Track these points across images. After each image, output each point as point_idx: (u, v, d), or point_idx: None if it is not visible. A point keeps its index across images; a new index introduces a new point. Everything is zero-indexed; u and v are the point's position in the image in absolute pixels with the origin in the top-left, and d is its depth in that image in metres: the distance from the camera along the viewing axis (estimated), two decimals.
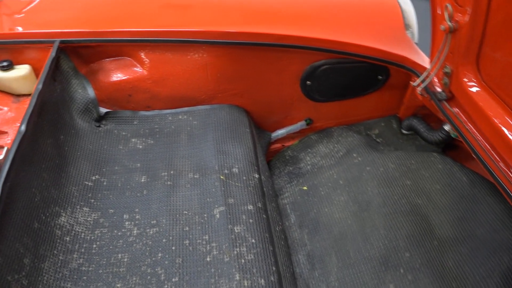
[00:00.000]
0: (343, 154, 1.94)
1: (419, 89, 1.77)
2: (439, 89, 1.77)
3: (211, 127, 1.82)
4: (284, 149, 2.11)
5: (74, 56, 1.76)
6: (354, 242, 1.59)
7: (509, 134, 1.40)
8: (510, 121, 1.41)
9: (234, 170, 1.66)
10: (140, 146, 1.76)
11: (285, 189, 1.91)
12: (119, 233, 1.46)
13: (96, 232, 1.46)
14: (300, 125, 2.08)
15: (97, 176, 1.63)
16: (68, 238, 1.41)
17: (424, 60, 1.88)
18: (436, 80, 1.78)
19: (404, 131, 2.08)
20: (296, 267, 1.59)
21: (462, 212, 1.63)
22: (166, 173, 1.66)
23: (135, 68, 1.81)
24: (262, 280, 1.34)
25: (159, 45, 1.76)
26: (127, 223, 1.49)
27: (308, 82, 1.93)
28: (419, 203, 1.67)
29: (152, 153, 1.74)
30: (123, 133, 1.81)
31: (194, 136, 1.80)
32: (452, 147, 2.06)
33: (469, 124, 1.65)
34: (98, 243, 1.43)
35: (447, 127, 1.81)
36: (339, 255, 1.57)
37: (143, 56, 1.78)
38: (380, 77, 1.94)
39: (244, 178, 1.64)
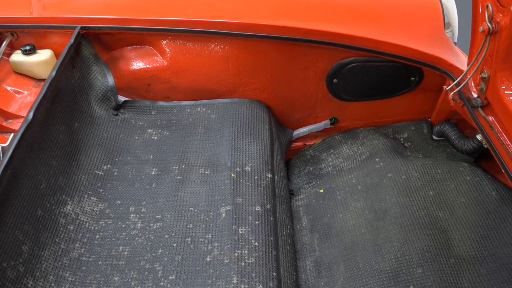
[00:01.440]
0: (365, 158, 1.84)
1: (451, 93, 1.64)
2: (475, 95, 1.63)
3: (229, 122, 1.77)
4: (306, 148, 2.04)
5: (96, 43, 1.75)
6: (365, 252, 1.50)
7: None
8: None
9: (246, 168, 1.61)
10: (155, 137, 1.74)
11: (302, 189, 1.84)
12: (123, 225, 1.45)
13: (100, 222, 1.45)
14: (324, 124, 1.99)
15: (108, 166, 1.62)
16: (72, 227, 1.41)
17: (462, 62, 1.74)
18: (472, 85, 1.65)
19: (435, 137, 1.94)
20: (302, 273, 1.53)
21: (486, 229, 1.51)
22: (177, 167, 1.63)
23: (156, 58, 1.78)
24: (260, 286, 1.29)
25: (180, 35, 1.72)
26: (132, 215, 1.48)
27: (334, 80, 1.83)
28: (440, 216, 1.56)
29: (166, 145, 1.71)
30: (140, 123, 1.79)
31: (210, 130, 1.76)
32: (486, 157, 1.91)
33: (504, 136, 1.52)
34: (101, 233, 1.43)
35: (479, 137, 1.68)
36: (347, 264, 1.49)
37: (164, 46, 1.75)
38: (412, 78, 1.82)
39: (256, 177, 1.59)
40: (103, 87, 1.77)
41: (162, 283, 1.29)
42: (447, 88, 1.66)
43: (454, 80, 1.67)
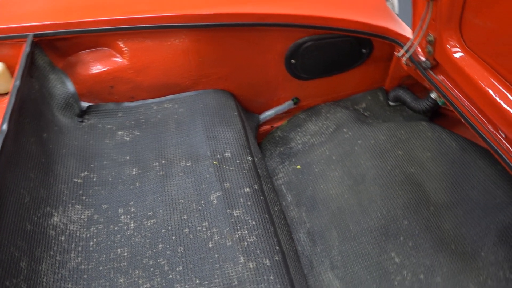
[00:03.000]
0: (333, 130, 1.93)
1: (404, 59, 1.76)
2: (423, 58, 1.77)
3: (199, 113, 1.78)
4: (274, 130, 2.09)
5: (49, 50, 1.69)
6: (352, 215, 1.59)
7: (496, 96, 1.41)
8: (496, 83, 1.42)
9: (226, 154, 1.64)
10: (128, 138, 1.72)
11: (278, 170, 1.90)
12: (116, 228, 1.43)
13: (91, 229, 1.42)
14: (287, 104, 2.06)
15: (86, 173, 1.58)
16: (63, 238, 1.36)
17: (406, 30, 1.87)
18: (419, 49, 1.78)
19: (391, 103, 2.08)
20: (297, 245, 1.58)
21: (454, 176, 1.65)
22: (157, 163, 1.62)
23: (115, 58, 1.75)
24: (267, 261, 1.32)
25: (137, 33, 1.70)
26: (122, 217, 1.46)
27: (292, 61, 1.90)
28: (413, 171, 1.68)
29: (141, 144, 1.69)
30: (108, 126, 1.76)
31: (182, 124, 1.76)
32: (438, 116, 2.07)
33: (455, 90, 1.66)
34: (95, 240, 1.39)
35: (433, 95, 1.82)
36: (339, 229, 1.57)
37: (122, 45, 1.72)
38: (364, 50, 1.93)
39: (238, 161, 1.62)
40: (64, 95, 1.71)
41: (171, 276, 1.29)
42: (399, 54, 1.78)
43: (402, 47, 1.80)
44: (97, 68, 1.75)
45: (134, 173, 1.59)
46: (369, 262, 1.47)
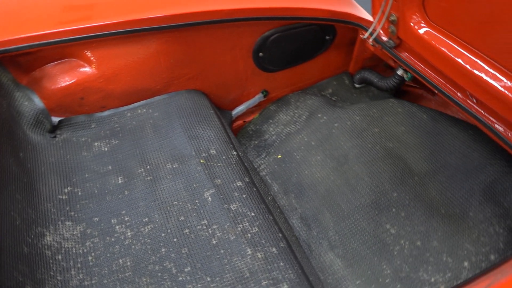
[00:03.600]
0: (307, 117, 1.97)
1: (370, 40, 1.83)
2: (385, 38, 1.84)
3: (175, 115, 1.76)
4: (246, 125, 2.10)
5: (12, 67, 1.61)
6: (342, 195, 1.63)
7: (463, 62, 1.50)
8: (462, 50, 1.51)
9: (211, 151, 1.63)
10: (106, 149, 1.67)
11: (258, 162, 1.91)
12: (113, 239, 1.38)
13: (87, 243, 1.37)
14: (257, 98, 2.08)
15: (69, 188, 1.52)
16: (60, 257, 1.31)
17: (365, 14, 1.94)
18: (381, 30, 1.85)
19: (356, 85, 2.15)
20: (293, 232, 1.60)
21: (431, 146, 1.73)
22: (142, 169, 1.58)
23: (83, 69, 1.69)
24: (274, 249, 1.33)
25: (104, 40, 1.66)
26: (117, 227, 1.41)
27: (260, 54, 1.92)
28: (392, 146, 1.75)
29: (121, 153, 1.65)
30: (83, 139, 1.70)
31: (159, 128, 1.73)
32: (400, 94, 2.17)
33: (420, 65, 1.75)
34: (93, 254, 1.34)
35: (400, 72, 1.90)
36: (331, 210, 1.60)
37: (89, 55, 1.67)
38: (327, 37, 1.98)
39: (224, 157, 1.62)
40: (32, 112, 1.64)
41: (181, 278, 1.27)
42: (364, 36, 1.85)
43: (366, 30, 1.87)
44: (65, 81, 1.68)
45: (120, 182, 1.55)
46: (366, 237, 1.52)
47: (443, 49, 1.57)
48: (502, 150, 1.66)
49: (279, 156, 1.85)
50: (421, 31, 1.65)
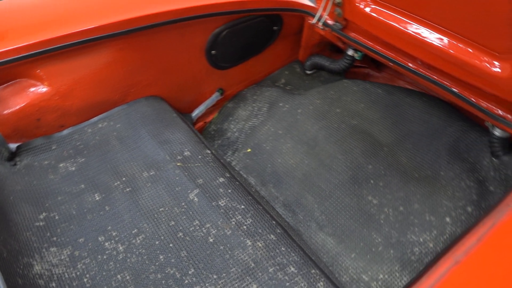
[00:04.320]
0: (268, 109, 1.99)
1: (320, 24, 1.89)
2: (331, 22, 1.92)
3: (139, 124, 1.71)
4: (207, 125, 2.09)
5: None
6: (320, 176, 1.67)
7: (411, 32, 1.60)
8: (408, 20, 1.62)
9: (186, 153, 1.60)
10: (73, 168, 1.59)
11: (228, 160, 1.90)
12: (105, 257, 1.32)
13: (78, 266, 1.29)
14: (215, 97, 2.07)
15: (44, 214, 1.43)
16: (53, 284, 1.23)
17: (306, 1, 2.01)
18: (327, 16, 1.92)
19: (308, 72, 2.21)
20: None
21: (392, 117, 1.82)
22: (118, 182, 1.52)
23: (36, 88, 1.59)
24: (272, 236, 1.34)
25: (54, 55, 1.57)
26: (106, 243, 1.35)
27: (213, 52, 1.92)
28: (356, 123, 1.82)
29: (91, 170, 1.58)
30: (45, 162, 1.60)
31: (125, 138, 1.68)
32: (349, 75, 2.26)
33: (369, 42, 1.84)
34: (87, 275, 1.27)
35: (350, 52, 1.98)
36: (312, 192, 1.64)
37: (40, 72, 1.58)
38: (275, 27, 2.02)
39: (200, 157, 1.60)
40: None
41: (186, 281, 1.24)
42: (313, 22, 1.91)
43: (312, 16, 1.93)
44: (17, 103, 1.58)
45: (97, 198, 1.48)
46: (351, 211, 1.57)
47: (390, 22, 1.66)
48: (457, 111, 1.78)
49: (249, 150, 1.86)
50: (367, 9, 1.73)
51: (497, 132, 1.58)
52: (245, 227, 1.36)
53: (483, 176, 1.60)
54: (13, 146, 1.60)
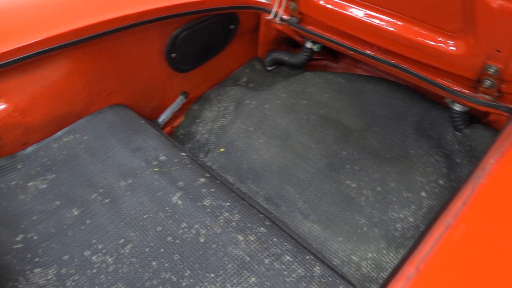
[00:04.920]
0: (235, 107, 1.99)
1: (277, 19, 1.92)
2: (286, 17, 1.95)
3: (107, 134, 1.66)
4: (175, 130, 2.06)
5: None
6: (297, 167, 1.69)
7: (367, 19, 1.67)
8: (363, 9, 1.68)
9: (161, 158, 1.57)
10: (44, 186, 1.51)
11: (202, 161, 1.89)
12: (94, 271, 1.27)
13: (68, 284, 1.23)
14: (179, 100, 2.04)
15: (21, 236, 1.35)
16: None
17: None
18: (282, 11, 1.96)
19: (268, 68, 2.23)
20: None
21: (357, 104, 1.88)
22: (95, 194, 1.47)
23: None
24: (262, 228, 1.34)
25: (9, 69, 1.49)
26: (94, 257, 1.30)
27: (173, 55, 1.90)
28: (324, 112, 1.86)
29: (63, 185, 1.51)
30: (13, 183, 1.52)
31: (95, 150, 1.62)
32: (307, 68, 2.30)
33: (327, 34, 1.89)
34: None
35: (309, 45, 2.02)
36: (292, 183, 1.66)
37: None
38: (232, 26, 2.03)
39: (176, 160, 1.57)
40: None
41: (184, 283, 1.22)
42: (270, 17, 1.94)
43: (267, 12, 1.96)
44: None
45: (76, 213, 1.42)
46: (332, 197, 1.60)
47: (345, 12, 1.72)
48: (417, 93, 1.87)
49: (222, 150, 1.85)
50: (321, 1, 1.78)
51: (457, 107, 1.67)
52: (234, 223, 1.36)
53: (449, 150, 1.68)
54: None
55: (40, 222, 1.40)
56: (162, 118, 2.01)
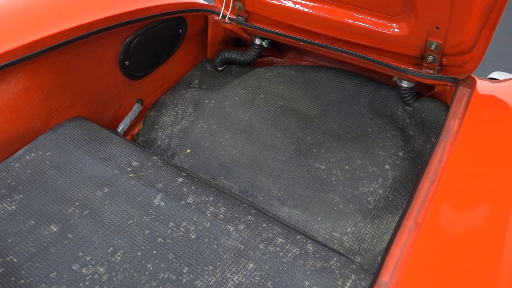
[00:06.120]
0: (193, 109, 2.01)
1: (227, 20, 1.97)
2: (233, 16, 2.01)
3: (71, 147, 1.62)
4: (135, 138, 2.03)
5: None
6: (266, 157, 1.75)
7: (313, 11, 1.77)
8: (307, 2, 1.78)
9: (134, 164, 1.56)
10: (13, 207, 1.44)
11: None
12: (87, 283, 1.23)
13: None
14: (136, 108, 2.02)
15: None
16: None
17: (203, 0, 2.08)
18: (228, 12, 2.01)
19: (219, 68, 2.27)
20: None
21: (311, 92, 1.97)
22: (72, 208, 1.43)
23: None
24: (249, 217, 1.38)
25: None
26: (84, 270, 1.26)
27: (126, 63, 1.88)
28: (282, 103, 1.93)
29: (35, 204, 1.45)
30: None
31: (61, 165, 1.57)
32: (255, 65, 2.37)
33: (275, 29, 1.97)
34: None
35: (257, 41, 2.09)
36: (264, 173, 1.71)
37: None
38: (180, 30, 2.04)
39: (150, 164, 1.57)
40: None
41: (184, 280, 1.22)
42: (219, 18, 1.98)
43: (215, 14, 2.01)
44: None
45: (55, 229, 1.37)
46: (305, 181, 1.67)
47: (291, 6, 1.81)
48: (365, 77, 1.99)
49: (188, 151, 1.86)
50: None
51: (405, 84, 1.81)
52: (221, 215, 1.38)
53: (401, 124, 1.81)
54: None
55: (17, 244, 1.34)
56: (121, 127, 1.98)
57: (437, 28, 1.57)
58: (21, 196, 1.48)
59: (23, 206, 1.45)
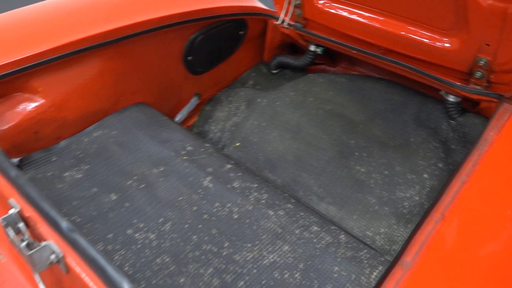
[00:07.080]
0: (246, 106, 2.14)
1: (285, 24, 2.10)
2: (292, 23, 2.14)
3: (135, 129, 1.79)
4: (190, 129, 2.19)
5: None
6: (310, 156, 1.85)
7: (369, 22, 1.86)
8: (364, 13, 1.88)
9: (188, 148, 1.70)
10: (80, 175, 1.62)
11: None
12: (139, 246, 1.38)
13: (116, 258, 1.34)
14: (194, 101, 2.18)
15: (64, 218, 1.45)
16: None
17: (264, 5, 2.22)
18: (287, 18, 2.14)
19: (273, 71, 2.40)
20: None
21: (359, 100, 2.06)
22: (131, 181, 1.59)
23: (32, 101, 1.62)
24: (289, 205, 1.48)
25: (48, 67, 1.61)
26: (136, 235, 1.41)
27: (189, 58, 2.05)
28: (330, 108, 2.03)
29: (98, 175, 1.62)
30: (49, 173, 1.62)
31: (124, 143, 1.74)
32: (307, 72, 2.48)
33: (330, 36, 2.07)
34: (127, 264, 1.33)
35: (312, 48, 2.20)
36: (306, 170, 1.81)
37: (34, 85, 1.61)
38: (241, 32, 2.19)
39: (202, 150, 1.71)
40: None
41: (225, 252, 1.34)
42: (278, 23, 2.11)
43: (274, 19, 2.14)
44: (14, 118, 1.59)
45: (114, 198, 1.53)
46: (345, 181, 1.75)
47: (348, 16, 1.91)
48: (412, 89, 2.06)
49: (238, 144, 1.99)
50: (327, 7, 1.97)
51: (451, 98, 1.86)
52: (263, 201, 1.49)
53: (444, 137, 1.86)
54: (15, 160, 1.61)
55: (81, 207, 1.50)
56: (178, 118, 2.14)
57: (487, 45, 1.63)
58: (87, 166, 1.66)
59: (88, 176, 1.62)
